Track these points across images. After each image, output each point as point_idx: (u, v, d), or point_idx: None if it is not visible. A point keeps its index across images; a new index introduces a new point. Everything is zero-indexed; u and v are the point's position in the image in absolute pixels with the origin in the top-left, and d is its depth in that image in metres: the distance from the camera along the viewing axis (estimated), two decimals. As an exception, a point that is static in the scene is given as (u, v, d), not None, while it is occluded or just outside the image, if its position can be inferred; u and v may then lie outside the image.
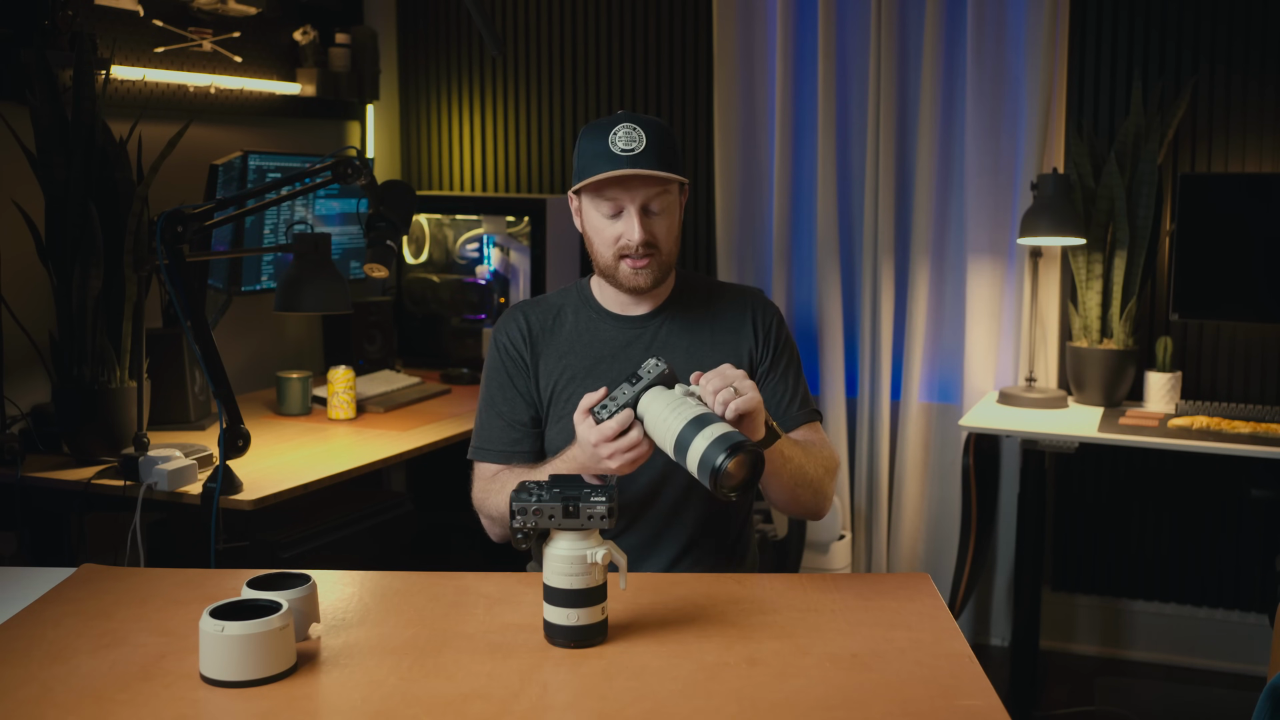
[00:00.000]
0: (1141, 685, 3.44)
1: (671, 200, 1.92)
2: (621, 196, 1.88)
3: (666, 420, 1.61)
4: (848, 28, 3.56)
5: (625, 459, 1.67)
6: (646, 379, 1.66)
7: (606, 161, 1.85)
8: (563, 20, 3.91)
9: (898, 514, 3.63)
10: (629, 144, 1.85)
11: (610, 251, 1.91)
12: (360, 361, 3.47)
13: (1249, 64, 3.26)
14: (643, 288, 1.94)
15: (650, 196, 1.88)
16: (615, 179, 1.86)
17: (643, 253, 1.89)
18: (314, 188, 2.46)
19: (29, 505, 2.52)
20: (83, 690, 1.40)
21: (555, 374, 1.98)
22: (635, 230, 1.88)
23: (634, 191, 1.87)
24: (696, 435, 1.57)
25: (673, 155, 1.90)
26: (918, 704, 1.37)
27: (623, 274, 1.93)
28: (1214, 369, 3.39)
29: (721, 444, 1.55)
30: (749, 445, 1.56)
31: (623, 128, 1.87)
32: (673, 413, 1.61)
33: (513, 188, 4.05)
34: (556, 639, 1.52)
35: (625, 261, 1.91)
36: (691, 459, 1.57)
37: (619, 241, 1.90)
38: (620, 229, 1.89)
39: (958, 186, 3.52)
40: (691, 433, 1.57)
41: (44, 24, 2.68)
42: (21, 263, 2.65)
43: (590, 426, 1.68)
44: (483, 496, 1.97)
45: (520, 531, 1.51)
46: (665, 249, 1.92)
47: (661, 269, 1.93)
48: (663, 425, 1.62)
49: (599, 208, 1.90)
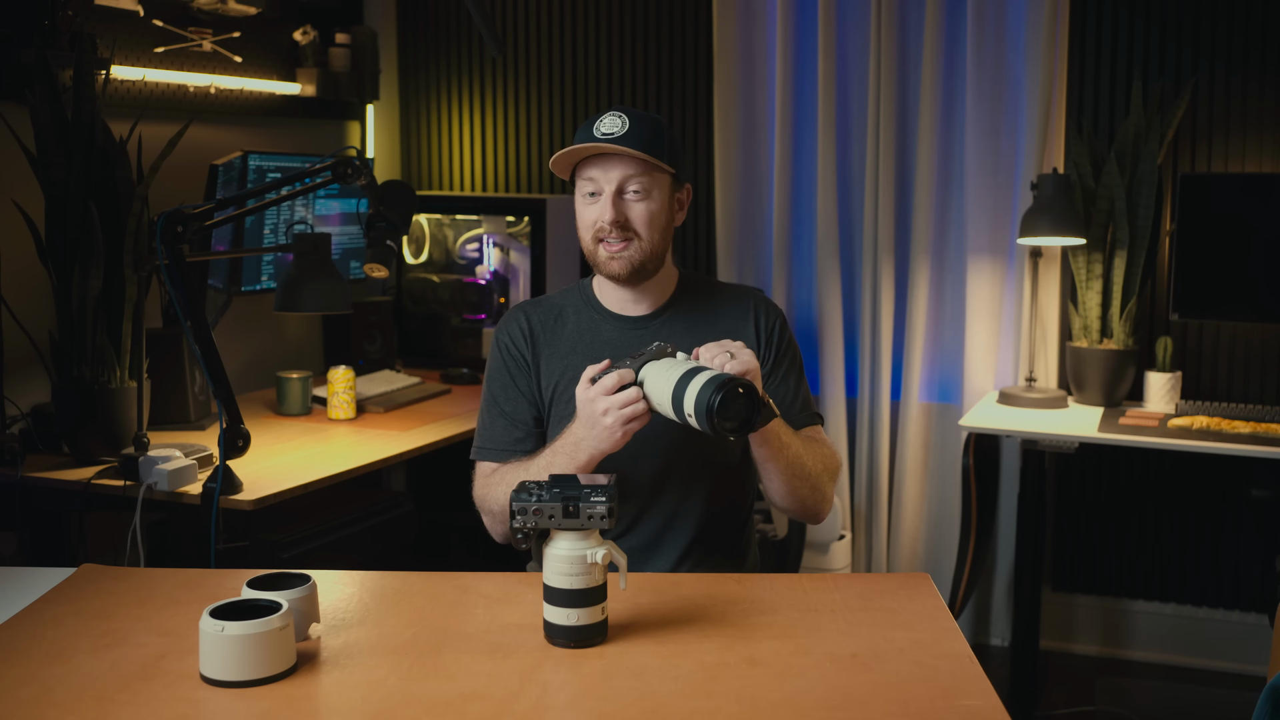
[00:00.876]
0: (1141, 685, 3.44)
1: (654, 187, 1.90)
2: (600, 177, 1.89)
3: (663, 380, 1.68)
4: (848, 28, 3.56)
5: (620, 415, 1.71)
6: (648, 354, 1.73)
7: (586, 142, 1.87)
8: (563, 20, 3.91)
9: (898, 514, 3.63)
10: (611, 128, 1.87)
11: (589, 235, 1.92)
12: (360, 361, 3.47)
13: (1249, 64, 3.26)
14: (618, 274, 1.92)
15: (627, 177, 1.88)
16: (594, 160, 1.88)
17: (617, 236, 1.89)
18: (314, 188, 2.46)
19: (29, 505, 2.52)
20: (83, 690, 1.40)
21: (557, 374, 1.98)
22: (607, 210, 1.88)
23: (610, 172, 1.88)
24: (690, 382, 1.64)
25: (658, 143, 1.89)
26: (918, 704, 1.37)
27: (600, 258, 1.93)
28: (1214, 369, 3.39)
29: (714, 382, 1.61)
30: (741, 381, 1.63)
31: (609, 115, 1.89)
32: (668, 372, 1.68)
33: (513, 188, 4.05)
34: (556, 639, 1.52)
35: (602, 245, 1.91)
36: (688, 404, 1.63)
37: (595, 224, 1.90)
38: (596, 212, 1.90)
39: (958, 186, 3.52)
40: (685, 382, 1.65)
41: (44, 24, 2.68)
42: (21, 263, 2.65)
43: (587, 385, 1.74)
44: (483, 493, 1.97)
45: (520, 531, 1.51)
46: (645, 236, 1.90)
47: (641, 257, 1.91)
48: (660, 385, 1.68)
49: (581, 189, 1.92)
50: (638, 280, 1.95)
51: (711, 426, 1.61)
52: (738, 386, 1.62)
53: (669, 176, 1.93)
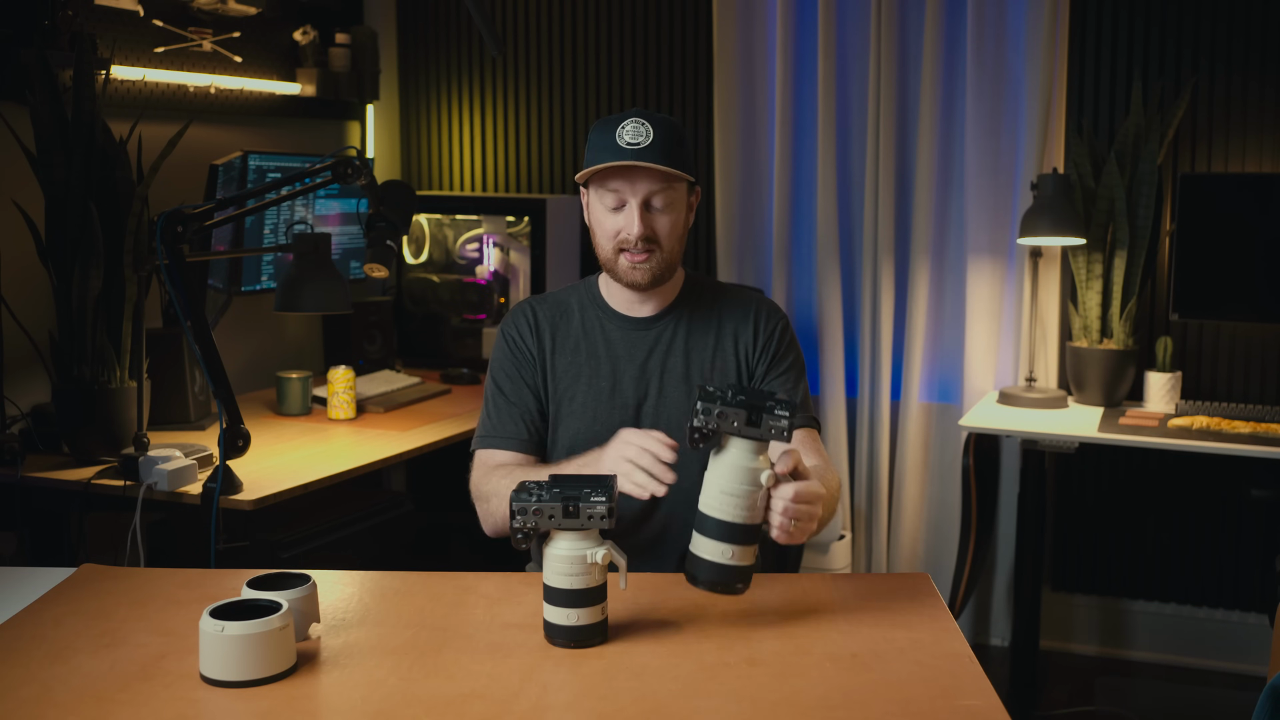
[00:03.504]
0: (1141, 685, 3.44)
1: (676, 198, 1.92)
2: (624, 189, 1.88)
3: (720, 485, 1.55)
4: (848, 28, 3.56)
5: (643, 463, 1.64)
6: (762, 430, 1.54)
7: (611, 154, 1.86)
8: (563, 20, 3.91)
9: (898, 514, 3.63)
10: (635, 138, 1.86)
11: (610, 245, 1.92)
12: (360, 361, 3.47)
13: (1249, 64, 3.26)
14: (640, 283, 1.93)
15: (653, 191, 1.88)
16: (619, 172, 1.87)
17: (641, 248, 1.89)
18: (314, 188, 2.46)
19: (29, 505, 2.52)
20: (83, 690, 1.40)
21: (562, 371, 1.99)
22: (635, 224, 1.88)
23: (637, 185, 1.88)
24: (713, 529, 1.55)
25: (681, 153, 1.90)
26: (918, 704, 1.37)
27: (621, 268, 1.93)
28: (1214, 369, 3.39)
29: (709, 569, 1.55)
30: (726, 586, 1.57)
31: (631, 122, 1.87)
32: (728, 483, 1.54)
33: (513, 188, 4.05)
34: (556, 639, 1.52)
35: (624, 255, 1.91)
36: (695, 538, 1.57)
37: (619, 235, 1.90)
38: (621, 222, 1.90)
39: (958, 186, 3.52)
40: (714, 524, 1.55)
41: (44, 24, 2.68)
42: (21, 263, 2.65)
43: (643, 432, 1.68)
44: (483, 483, 1.93)
45: (520, 531, 1.51)
46: (667, 246, 1.92)
47: (662, 266, 1.93)
48: (714, 483, 1.56)
49: (603, 200, 1.91)
50: (655, 287, 1.96)
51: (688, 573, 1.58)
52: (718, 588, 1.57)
53: (686, 184, 1.94)
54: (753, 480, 1.53)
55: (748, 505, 1.54)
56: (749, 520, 1.53)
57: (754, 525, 1.54)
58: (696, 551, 1.56)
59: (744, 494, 1.53)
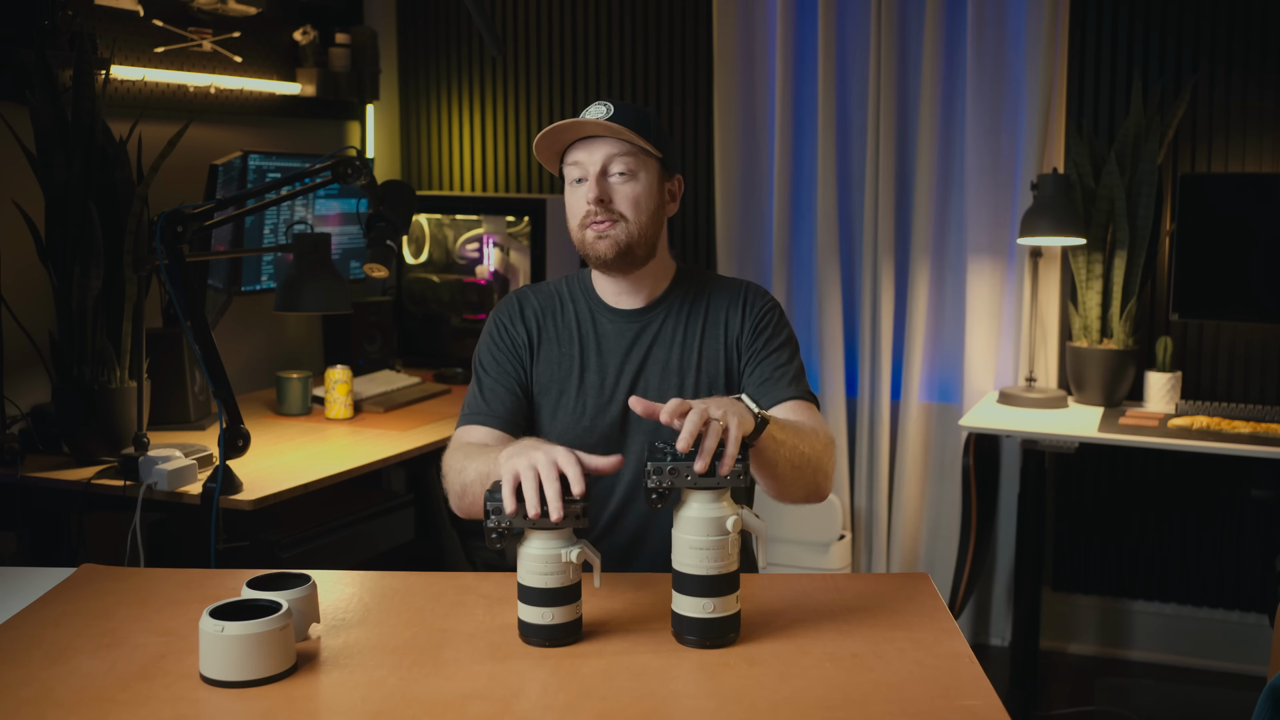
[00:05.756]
0: (1141, 685, 3.44)
1: (640, 169, 1.88)
2: (584, 160, 1.87)
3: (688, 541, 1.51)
4: (848, 28, 3.56)
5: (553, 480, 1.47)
6: (718, 479, 1.49)
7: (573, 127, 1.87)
8: (563, 20, 3.91)
9: (898, 514, 3.63)
10: (595, 113, 1.87)
11: (577, 223, 1.90)
12: (360, 361, 3.47)
13: (1249, 64, 3.26)
14: (605, 256, 1.89)
15: (611, 156, 1.86)
16: (579, 144, 1.87)
17: (601, 215, 1.86)
18: (314, 188, 2.46)
19: (29, 505, 2.52)
20: (83, 690, 1.40)
21: (551, 361, 1.98)
22: (592, 187, 1.86)
23: (594, 153, 1.87)
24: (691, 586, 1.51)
25: (644, 127, 1.88)
26: (918, 704, 1.37)
27: (588, 241, 1.89)
28: (1214, 369, 3.39)
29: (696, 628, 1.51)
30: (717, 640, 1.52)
31: (595, 103, 1.89)
32: (696, 538, 1.50)
33: (513, 188, 4.05)
34: (531, 638, 1.52)
35: (589, 229, 1.89)
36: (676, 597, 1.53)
37: (582, 209, 1.88)
38: (583, 194, 1.89)
39: (958, 186, 3.52)
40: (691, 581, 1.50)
41: (44, 24, 2.68)
42: (21, 263, 2.65)
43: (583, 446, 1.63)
44: (450, 458, 1.83)
45: (495, 531, 1.50)
46: (631, 218, 1.88)
47: (628, 238, 1.88)
48: (682, 539, 1.51)
49: (569, 177, 1.91)
50: (626, 265, 1.91)
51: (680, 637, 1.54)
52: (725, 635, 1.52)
53: (657, 163, 1.92)
54: (719, 529, 1.49)
55: (720, 555, 1.50)
56: (724, 570, 1.50)
57: (731, 573, 1.51)
58: (680, 610, 1.52)
59: (714, 545, 1.49)
